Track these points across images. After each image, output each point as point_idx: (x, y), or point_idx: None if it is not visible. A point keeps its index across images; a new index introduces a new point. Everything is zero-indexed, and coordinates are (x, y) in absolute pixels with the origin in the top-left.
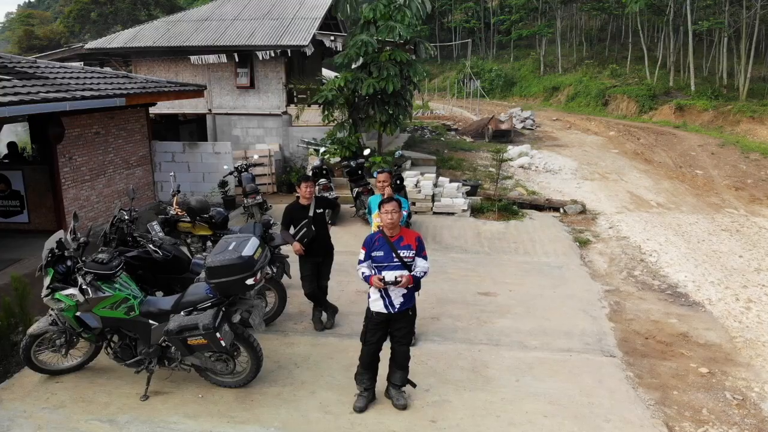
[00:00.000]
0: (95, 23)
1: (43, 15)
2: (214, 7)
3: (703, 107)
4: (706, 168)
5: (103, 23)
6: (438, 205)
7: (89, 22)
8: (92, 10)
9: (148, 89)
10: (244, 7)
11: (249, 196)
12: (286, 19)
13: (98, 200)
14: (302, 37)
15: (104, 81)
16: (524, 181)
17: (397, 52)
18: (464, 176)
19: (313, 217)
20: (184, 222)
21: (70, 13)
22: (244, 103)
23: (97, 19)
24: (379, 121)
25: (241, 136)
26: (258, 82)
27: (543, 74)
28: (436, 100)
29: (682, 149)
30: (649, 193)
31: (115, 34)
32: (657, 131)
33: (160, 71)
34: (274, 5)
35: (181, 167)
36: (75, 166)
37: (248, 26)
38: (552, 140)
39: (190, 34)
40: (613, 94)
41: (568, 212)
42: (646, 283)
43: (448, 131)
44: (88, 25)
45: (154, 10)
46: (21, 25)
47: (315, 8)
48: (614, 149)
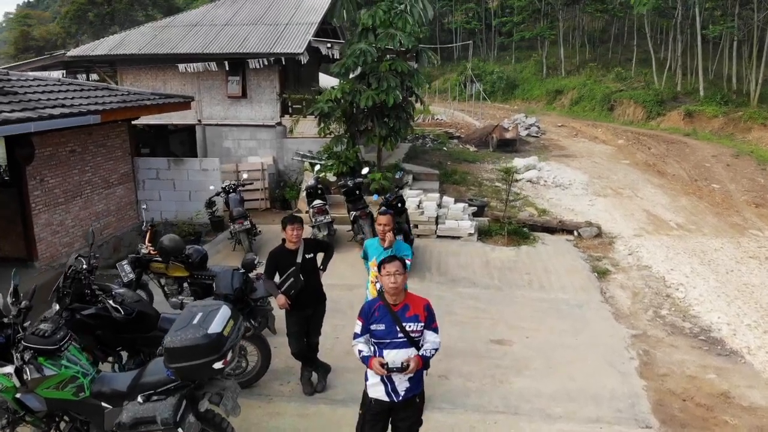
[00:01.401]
0: (92, 24)
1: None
2: (205, 11)
3: (712, 113)
4: (723, 181)
5: (100, 24)
6: (442, 228)
7: (86, 23)
8: (89, 10)
9: (128, 103)
10: (236, 12)
11: (236, 221)
12: (280, 24)
13: (74, 224)
14: (297, 44)
15: (81, 94)
16: (533, 197)
17: (398, 62)
18: (469, 192)
19: (302, 264)
20: (157, 262)
21: (66, 14)
22: (236, 113)
23: (94, 20)
24: (379, 136)
25: (233, 148)
26: (250, 91)
27: (545, 77)
28: (437, 103)
29: (695, 160)
30: (666, 211)
31: (100, 40)
32: (667, 140)
33: (146, 79)
34: (267, 9)
35: (166, 185)
36: (47, 188)
37: (240, 32)
38: (559, 149)
39: (179, 40)
40: (619, 99)
41: (583, 236)
42: (676, 326)
43: (450, 139)
44: (85, 26)
45: (151, 10)
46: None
47: (311, 12)
48: (625, 160)
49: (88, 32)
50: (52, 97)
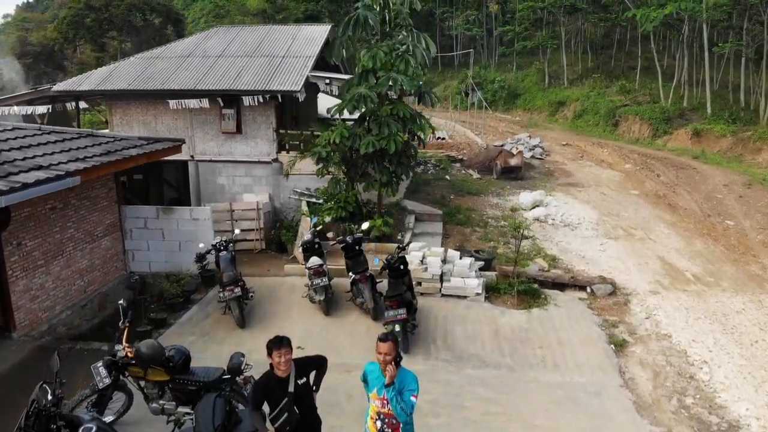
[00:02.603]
0: (90, 29)
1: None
2: (198, 41)
3: (720, 132)
4: (737, 217)
5: (98, 29)
6: (448, 286)
7: (83, 28)
8: (86, 15)
9: (112, 155)
10: (230, 42)
11: (226, 287)
12: (276, 56)
13: (55, 286)
14: (294, 81)
15: (61, 146)
16: (542, 239)
17: (400, 106)
18: (474, 234)
19: (295, 392)
20: (135, 366)
21: (64, 20)
22: (231, 149)
23: (92, 25)
24: (380, 182)
25: (227, 185)
26: (246, 126)
27: (548, 86)
28: (438, 112)
29: (706, 190)
30: (681, 258)
31: (88, 73)
32: (676, 163)
33: (137, 113)
34: (263, 40)
35: (155, 234)
36: (25, 252)
37: (235, 65)
38: (565, 176)
39: (170, 73)
40: (624, 114)
41: (597, 293)
42: (703, 421)
43: (452, 163)
44: (82, 31)
45: (150, 14)
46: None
47: (308, 44)
48: (633, 190)
49: (86, 37)
50: (29, 155)
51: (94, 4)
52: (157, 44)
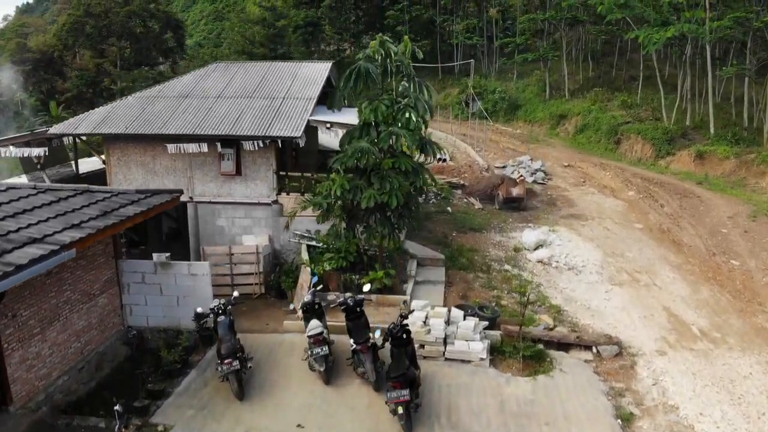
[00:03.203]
0: (89, 37)
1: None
2: (197, 79)
3: (724, 155)
4: (742, 255)
5: (97, 36)
6: (451, 350)
7: (83, 35)
8: (86, 23)
9: (109, 216)
10: (229, 81)
11: (224, 360)
12: (276, 98)
13: (51, 352)
14: (294, 126)
15: (56, 209)
16: (546, 286)
17: (402, 159)
18: (477, 281)
19: None
20: None
21: (63, 27)
22: (230, 190)
23: (92, 32)
24: (381, 234)
25: (227, 227)
26: (245, 168)
27: (548, 97)
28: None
29: (711, 223)
30: (687, 309)
31: (85, 114)
32: (679, 190)
33: (134, 154)
34: (262, 80)
35: (152, 289)
36: (21, 322)
37: (234, 107)
38: (567, 205)
39: (168, 116)
40: (626, 132)
41: (603, 355)
42: None
43: (453, 189)
44: (81, 38)
45: (150, 21)
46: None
47: (308, 84)
48: (638, 223)
49: (85, 44)
50: (23, 223)
51: (93, 11)
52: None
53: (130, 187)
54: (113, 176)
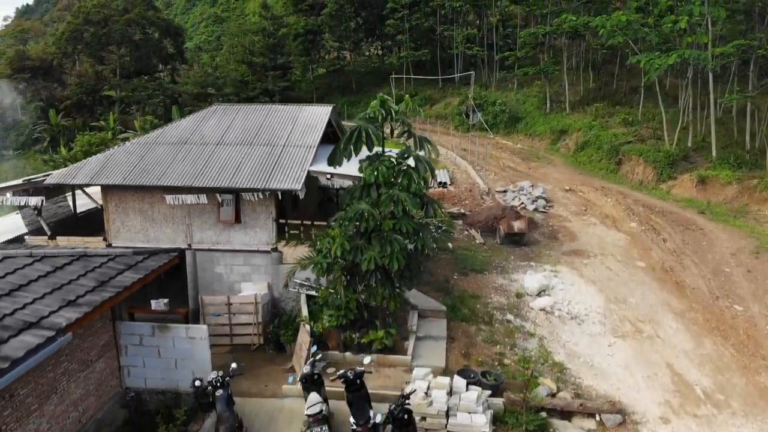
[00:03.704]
0: (88, 45)
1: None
2: (196, 122)
3: (726, 180)
4: (745, 299)
5: (96, 44)
6: (454, 422)
7: (82, 43)
8: (85, 30)
9: (106, 286)
10: (228, 126)
11: None
12: (276, 145)
13: (49, 426)
14: (294, 177)
15: (52, 283)
16: (549, 339)
17: (403, 221)
18: (480, 335)
19: None
20: None
21: (62, 35)
22: (229, 238)
23: (91, 41)
24: (382, 295)
25: (225, 274)
26: (244, 216)
27: (549, 111)
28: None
29: (714, 261)
30: (691, 366)
31: (82, 162)
32: (681, 220)
33: (132, 201)
34: (261, 125)
35: (150, 351)
36: (18, 401)
37: (234, 154)
38: (569, 239)
39: (167, 165)
40: (628, 153)
41: (606, 424)
42: None
43: (454, 219)
44: (81, 45)
45: (149, 28)
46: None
47: (308, 131)
48: (640, 260)
49: (85, 52)
50: (19, 302)
51: (92, 19)
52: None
53: (128, 233)
54: (111, 223)
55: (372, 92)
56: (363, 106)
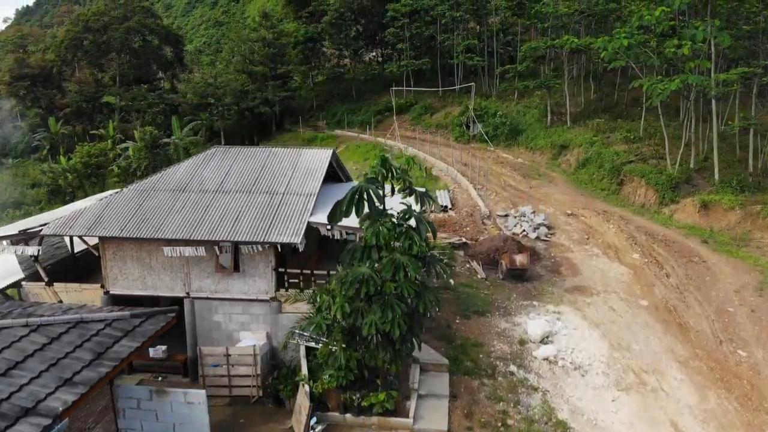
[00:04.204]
0: (88, 52)
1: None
2: (195, 167)
3: (729, 205)
4: (749, 344)
5: (96, 51)
6: None
7: (81, 50)
8: (85, 38)
9: (102, 359)
10: (227, 172)
11: None
12: (276, 193)
13: None
14: (294, 229)
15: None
16: (552, 394)
17: (405, 285)
18: (483, 390)
19: None
20: None
21: (62, 43)
22: (227, 286)
23: (90, 48)
24: (382, 360)
25: (224, 323)
26: (243, 265)
27: (550, 124)
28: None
29: (717, 299)
30: (695, 424)
31: (78, 211)
32: (684, 251)
33: (130, 249)
34: (261, 170)
35: (148, 415)
36: None
37: (233, 203)
38: (571, 273)
39: (165, 214)
40: (630, 174)
41: None
42: None
43: (455, 250)
44: (80, 53)
45: (149, 36)
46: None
47: (309, 176)
48: (643, 299)
49: (84, 60)
50: (15, 385)
51: (92, 26)
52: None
53: (126, 281)
54: (108, 270)
55: (372, 100)
56: (363, 113)
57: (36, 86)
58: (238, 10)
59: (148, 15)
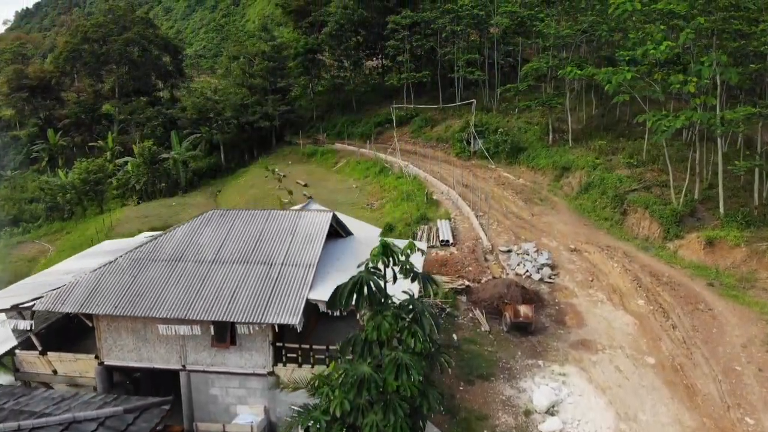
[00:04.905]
0: (86, 64)
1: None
2: (191, 232)
3: (734, 242)
4: (757, 408)
5: (95, 62)
6: None
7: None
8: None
9: None
10: (225, 238)
11: None
12: (274, 264)
13: None
14: (292, 306)
15: None
16: None
17: (408, 383)
18: None
19: None
20: None
21: (60, 55)
22: (224, 360)
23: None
24: None
25: (220, 396)
26: (240, 339)
27: (551, 142)
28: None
29: (725, 356)
30: None
31: (73, 283)
32: (690, 296)
33: (124, 321)
34: (261, 234)
35: None
36: None
37: (230, 276)
38: (577, 324)
39: (160, 288)
40: (633, 204)
41: None
42: None
43: (457, 295)
44: (79, 64)
45: (148, 46)
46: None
47: (308, 243)
48: (649, 356)
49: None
50: None
51: (91, 37)
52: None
53: (121, 352)
54: (103, 341)
55: (372, 111)
56: (363, 125)
57: (35, 97)
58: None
59: (147, 26)
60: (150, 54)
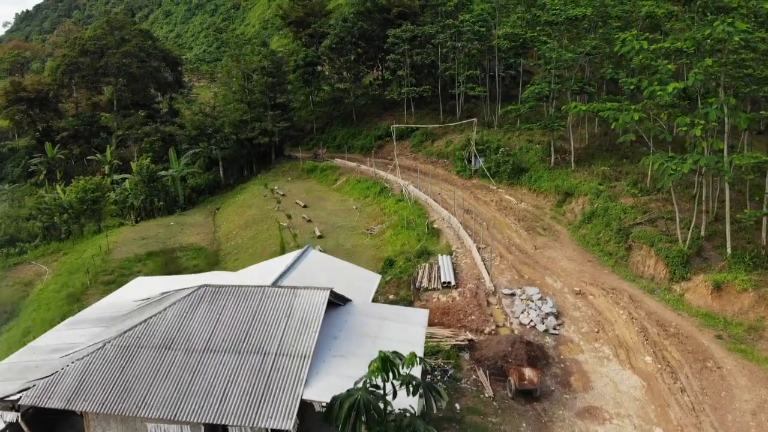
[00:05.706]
0: (84, 77)
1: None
2: (182, 314)
3: (742, 286)
4: None
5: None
6: None
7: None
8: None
9: None
10: (217, 320)
11: None
12: (268, 354)
13: None
14: (286, 409)
15: None
16: None
17: None
18: None
19: None
20: None
21: (58, 68)
22: None
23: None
24: None
25: None
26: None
27: (554, 164)
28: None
29: (735, 425)
30: None
31: (60, 373)
32: (699, 352)
33: None
34: (254, 317)
35: None
36: None
37: (221, 369)
38: (583, 387)
39: (149, 382)
40: (638, 240)
41: None
42: None
43: (460, 352)
44: (77, 76)
45: (147, 58)
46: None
47: (304, 327)
48: (657, 426)
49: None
50: None
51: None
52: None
53: None
54: (91, 430)
55: (373, 123)
56: (363, 137)
57: (32, 109)
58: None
59: (146, 38)
60: (149, 66)
